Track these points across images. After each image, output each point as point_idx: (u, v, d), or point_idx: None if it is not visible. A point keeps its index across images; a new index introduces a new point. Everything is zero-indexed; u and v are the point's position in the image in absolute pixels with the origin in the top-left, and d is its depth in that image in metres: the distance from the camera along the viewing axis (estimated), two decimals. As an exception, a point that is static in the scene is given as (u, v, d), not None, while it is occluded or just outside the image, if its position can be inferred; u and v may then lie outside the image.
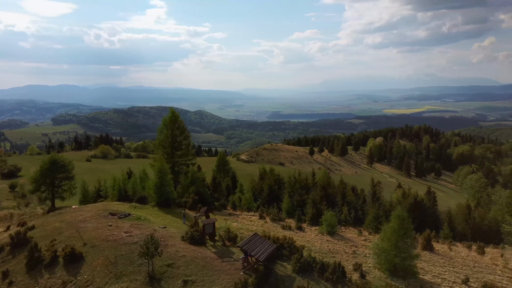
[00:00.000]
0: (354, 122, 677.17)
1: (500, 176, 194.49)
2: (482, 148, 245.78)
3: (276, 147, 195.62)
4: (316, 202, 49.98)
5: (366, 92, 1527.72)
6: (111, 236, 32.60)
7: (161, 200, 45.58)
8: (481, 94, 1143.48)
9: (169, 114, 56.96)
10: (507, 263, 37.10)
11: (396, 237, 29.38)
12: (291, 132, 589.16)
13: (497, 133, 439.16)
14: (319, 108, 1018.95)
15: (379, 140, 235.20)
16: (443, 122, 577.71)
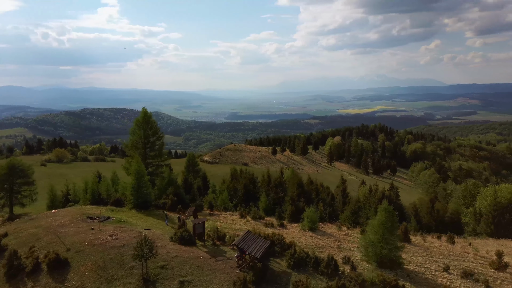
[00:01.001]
0: (311, 122, 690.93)
1: (450, 171, 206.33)
2: (433, 145, 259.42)
3: (239, 147, 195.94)
4: (294, 200, 50.72)
5: (322, 92, 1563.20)
6: (96, 240, 31.40)
7: (138, 202, 44.43)
8: (428, 94, 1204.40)
9: (141, 114, 55.61)
10: (477, 251, 39.60)
11: (383, 229, 30.52)
12: (250, 133, 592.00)
13: (444, 131, 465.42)
14: (277, 108, 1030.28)
15: (337, 139, 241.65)
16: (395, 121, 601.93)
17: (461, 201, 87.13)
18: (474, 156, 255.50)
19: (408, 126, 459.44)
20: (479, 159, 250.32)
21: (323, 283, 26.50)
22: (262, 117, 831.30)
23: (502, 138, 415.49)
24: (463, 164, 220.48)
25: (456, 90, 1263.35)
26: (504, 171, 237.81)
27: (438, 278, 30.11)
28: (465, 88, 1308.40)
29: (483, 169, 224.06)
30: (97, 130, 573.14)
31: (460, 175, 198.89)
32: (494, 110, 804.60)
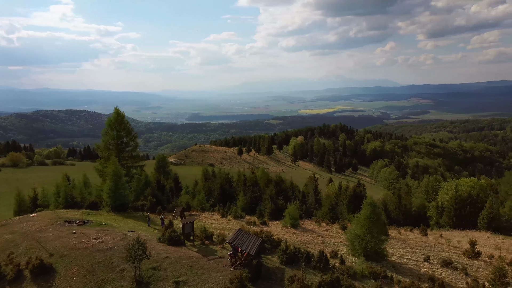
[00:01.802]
0: (272, 122, 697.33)
1: (409, 168, 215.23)
2: (391, 144, 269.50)
3: (205, 148, 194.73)
4: (273, 198, 51.20)
5: (282, 93, 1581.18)
6: (80, 244, 30.25)
7: (116, 204, 43.17)
8: (384, 95, 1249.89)
9: (113, 115, 54.05)
10: (449, 242, 41.75)
11: (369, 223, 31.55)
12: (212, 134, 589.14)
13: (400, 130, 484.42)
14: (239, 109, 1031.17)
15: (300, 139, 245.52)
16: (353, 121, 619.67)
17: (424, 196, 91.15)
18: (429, 153, 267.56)
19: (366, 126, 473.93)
20: (433, 156, 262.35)
21: (316, 277, 27.02)
22: (224, 118, 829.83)
23: (453, 136, 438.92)
24: (419, 161, 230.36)
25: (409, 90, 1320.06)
26: (456, 167, 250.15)
27: (421, 268, 31.54)
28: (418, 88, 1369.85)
29: (438, 165, 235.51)
30: (51, 133, 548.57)
31: (418, 172, 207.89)
32: (445, 110, 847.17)
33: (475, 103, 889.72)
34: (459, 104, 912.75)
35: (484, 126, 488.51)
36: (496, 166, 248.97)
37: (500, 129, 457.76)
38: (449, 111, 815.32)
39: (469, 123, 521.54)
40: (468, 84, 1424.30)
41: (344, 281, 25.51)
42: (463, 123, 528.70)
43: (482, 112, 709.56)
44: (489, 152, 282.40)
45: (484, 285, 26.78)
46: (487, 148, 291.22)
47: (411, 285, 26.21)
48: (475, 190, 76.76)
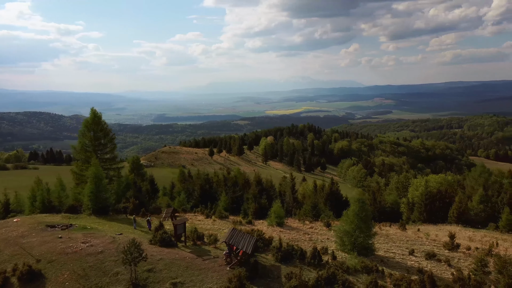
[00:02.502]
0: (240, 123, 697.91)
1: (375, 166, 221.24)
2: (358, 143, 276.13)
3: (175, 149, 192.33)
4: (257, 197, 51.45)
5: (250, 94, 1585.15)
6: (68, 248, 29.28)
7: (97, 207, 41.99)
8: (349, 95, 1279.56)
9: (90, 115, 52.48)
10: (428, 235, 43.49)
11: (358, 219, 32.40)
12: (179, 135, 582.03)
13: (364, 129, 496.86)
14: (206, 110, 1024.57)
15: (270, 139, 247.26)
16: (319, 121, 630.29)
17: (395, 192, 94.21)
18: (394, 152, 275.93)
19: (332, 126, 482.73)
20: (398, 154, 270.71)
21: (311, 273, 27.47)
22: (191, 119, 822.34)
23: (415, 135, 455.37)
24: (385, 159, 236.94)
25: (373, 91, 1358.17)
26: (419, 164, 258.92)
27: (407, 261, 32.74)
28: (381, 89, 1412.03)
29: (402, 163, 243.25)
30: (8, 136, 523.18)
31: (384, 170, 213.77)
32: (407, 109, 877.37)
33: (435, 103, 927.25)
34: (419, 104, 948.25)
35: (444, 125, 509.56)
36: (456, 163, 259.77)
37: (458, 128, 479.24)
38: (411, 110, 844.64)
39: (430, 122, 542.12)
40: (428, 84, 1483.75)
41: (339, 276, 26.14)
42: (424, 122, 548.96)
43: (442, 111, 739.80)
44: (449, 149, 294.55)
45: (469, 275, 28.13)
46: (447, 146, 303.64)
47: (402, 278, 27.19)
48: (444, 186, 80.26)
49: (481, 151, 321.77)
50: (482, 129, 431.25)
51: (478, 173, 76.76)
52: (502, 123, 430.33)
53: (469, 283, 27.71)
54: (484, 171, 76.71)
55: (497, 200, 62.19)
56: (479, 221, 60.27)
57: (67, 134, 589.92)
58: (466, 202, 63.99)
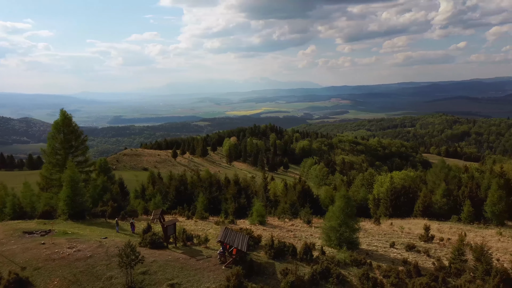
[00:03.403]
0: (200, 124, 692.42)
1: (336, 164, 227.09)
2: (318, 142, 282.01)
3: (137, 152, 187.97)
4: (236, 197, 51.57)
5: (209, 95, 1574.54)
6: (53, 254, 28.12)
7: (74, 212, 40.47)
8: (307, 96, 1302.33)
9: (60, 117, 50.41)
10: (403, 228, 45.55)
11: (344, 214, 33.45)
12: (137, 137, 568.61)
13: (322, 129, 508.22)
14: (164, 111, 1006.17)
15: (233, 139, 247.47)
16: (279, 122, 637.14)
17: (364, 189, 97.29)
18: (353, 150, 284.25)
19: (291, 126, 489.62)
20: (357, 153, 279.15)
21: (305, 268, 28.12)
22: (149, 120, 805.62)
23: (371, 134, 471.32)
24: (345, 158, 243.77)
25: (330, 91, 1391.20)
26: (377, 162, 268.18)
27: (390, 253, 34.22)
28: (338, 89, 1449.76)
29: (362, 161, 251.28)
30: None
31: (345, 168, 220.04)
32: (362, 109, 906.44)
33: (389, 103, 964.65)
34: (374, 104, 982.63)
35: (398, 124, 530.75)
36: (410, 160, 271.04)
37: (411, 126, 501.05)
38: (366, 110, 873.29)
39: (385, 121, 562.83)
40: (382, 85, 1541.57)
41: (333, 270, 26.97)
42: (379, 121, 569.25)
43: (395, 111, 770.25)
44: (404, 147, 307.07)
45: (450, 264, 29.92)
46: (402, 144, 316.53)
47: (390, 269, 28.46)
48: (407, 181, 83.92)
49: (433, 148, 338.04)
50: (433, 127, 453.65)
51: (439, 168, 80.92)
52: (450, 121, 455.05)
53: (450, 271, 29.50)
54: (444, 166, 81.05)
55: (458, 194, 65.88)
56: (443, 214, 63.50)
57: (16, 138, 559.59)
58: (430, 197, 67.35)
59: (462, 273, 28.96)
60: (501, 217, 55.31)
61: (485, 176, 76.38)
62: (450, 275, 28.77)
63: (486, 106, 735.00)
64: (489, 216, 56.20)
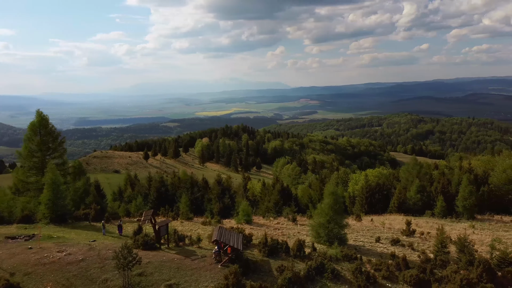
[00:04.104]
0: (169, 125, 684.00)
1: (308, 164, 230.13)
2: (290, 142, 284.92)
3: (107, 154, 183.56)
4: (220, 197, 51.54)
5: (179, 95, 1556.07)
6: (43, 259, 27.29)
7: (56, 215, 39.29)
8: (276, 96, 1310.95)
9: (36, 118, 48.70)
10: (384, 224, 46.97)
11: (333, 211, 34.21)
12: (104, 139, 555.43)
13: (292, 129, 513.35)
14: (132, 112, 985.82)
15: (205, 140, 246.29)
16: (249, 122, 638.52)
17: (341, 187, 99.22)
18: (323, 150, 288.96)
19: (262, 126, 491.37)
20: (327, 152, 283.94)
21: (299, 265, 28.63)
22: (116, 122, 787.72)
23: (340, 133, 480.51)
24: (316, 157, 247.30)
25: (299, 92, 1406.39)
26: (347, 161, 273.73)
27: (377, 248, 35.30)
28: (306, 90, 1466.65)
29: (332, 161, 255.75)
30: None
31: (316, 167, 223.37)
32: (330, 109, 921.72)
33: (356, 103, 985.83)
34: (342, 104, 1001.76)
35: (365, 123, 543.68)
36: (378, 159, 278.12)
37: (378, 126, 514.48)
38: (334, 110, 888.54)
39: (353, 121, 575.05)
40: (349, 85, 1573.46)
41: (328, 265, 27.61)
42: (347, 121, 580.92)
43: (362, 111, 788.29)
44: (373, 146, 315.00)
45: (436, 256, 31.25)
46: (371, 143, 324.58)
47: (381, 263, 29.42)
48: (381, 179, 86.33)
49: (400, 147, 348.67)
50: (399, 126, 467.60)
51: (411, 166, 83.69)
52: (415, 120, 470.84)
53: (436, 263, 30.82)
54: (416, 164, 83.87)
55: (431, 190, 68.45)
56: (417, 210, 65.79)
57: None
58: (404, 193, 69.64)
59: (447, 265, 30.31)
60: (471, 211, 57.79)
61: (454, 172, 79.76)
62: (436, 266, 30.04)
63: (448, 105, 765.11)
64: (461, 211, 58.59)
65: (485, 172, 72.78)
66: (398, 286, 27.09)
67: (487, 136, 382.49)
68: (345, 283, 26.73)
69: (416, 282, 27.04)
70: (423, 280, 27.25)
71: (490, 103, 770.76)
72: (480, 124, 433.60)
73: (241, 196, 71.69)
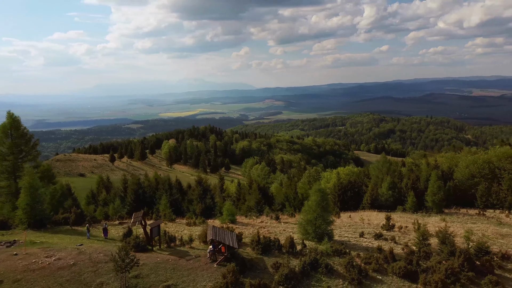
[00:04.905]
0: (132, 127, 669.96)
1: (276, 164, 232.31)
2: (257, 142, 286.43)
3: (71, 157, 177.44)
4: (202, 197, 51.27)
5: (142, 96, 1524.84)
6: (31, 264, 26.27)
7: (34, 220, 37.77)
8: (242, 97, 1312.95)
9: (7, 119, 46.55)
10: (363, 220, 48.43)
11: (320, 208, 34.96)
12: (63, 142, 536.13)
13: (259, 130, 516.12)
14: (94, 114, 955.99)
15: (173, 141, 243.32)
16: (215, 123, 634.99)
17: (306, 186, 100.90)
18: (290, 149, 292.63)
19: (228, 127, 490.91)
20: (294, 152, 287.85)
21: (292, 261, 29.15)
22: (76, 124, 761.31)
23: (305, 133, 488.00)
24: (284, 157, 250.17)
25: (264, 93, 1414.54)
26: (313, 160, 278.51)
27: (362, 243, 36.40)
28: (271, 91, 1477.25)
29: (299, 160, 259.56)
30: None
31: (284, 167, 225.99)
32: (295, 110, 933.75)
33: (320, 103, 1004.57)
34: (306, 104, 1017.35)
35: (329, 123, 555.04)
36: (343, 158, 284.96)
37: (341, 125, 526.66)
38: (299, 111, 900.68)
39: (317, 121, 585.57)
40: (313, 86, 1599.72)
41: (321, 260, 28.31)
42: (312, 121, 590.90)
43: (326, 111, 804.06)
44: (337, 145, 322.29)
45: (419, 248, 32.69)
46: (335, 142, 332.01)
47: (370, 256, 30.47)
48: (353, 177, 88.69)
49: (363, 146, 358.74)
50: (362, 126, 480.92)
51: (381, 163, 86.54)
52: (377, 120, 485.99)
53: (420, 254, 32.28)
54: (386, 161, 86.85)
55: (402, 186, 71.15)
56: (389, 205, 68.18)
57: None
58: (376, 190, 71.97)
59: (430, 256, 31.84)
60: (440, 205, 60.57)
61: (421, 169, 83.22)
62: (421, 258, 31.46)
63: (407, 105, 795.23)
64: (430, 205, 61.26)
65: (450, 168, 76.53)
66: (388, 277, 28.18)
67: (444, 134, 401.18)
68: (338, 277, 27.52)
69: (405, 273, 28.26)
70: (410, 271, 28.52)
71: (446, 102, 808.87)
72: (438, 122, 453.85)
73: (218, 196, 71.64)
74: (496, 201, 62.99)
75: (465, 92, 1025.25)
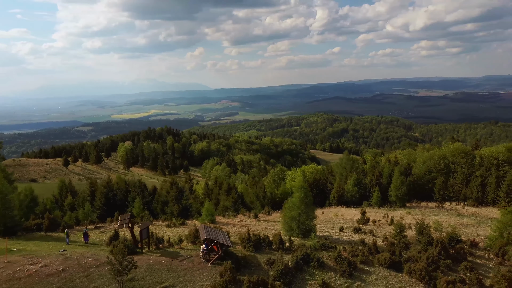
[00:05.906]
0: (83, 129, 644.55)
1: (236, 164, 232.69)
2: (216, 143, 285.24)
3: (21, 162, 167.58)
4: (177, 199, 50.53)
5: (91, 97, 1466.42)
6: (16, 273, 24.84)
7: (4, 228, 35.61)
8: (197, 98, 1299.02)
9: (-34, 122, 43.48)
10: (337, 215, 49.98)
11: (304, 204, 35.75)
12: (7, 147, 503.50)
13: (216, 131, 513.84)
14: (40, 116, 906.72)
15: (128, 144, 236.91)
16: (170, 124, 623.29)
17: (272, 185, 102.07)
18: (249, 150, 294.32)
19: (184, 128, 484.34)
20: (253, 152, 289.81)
21: (284, 257, 29.64)
22: (20, 127, 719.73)
23: (262, 133, 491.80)
24: (243, 157, 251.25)
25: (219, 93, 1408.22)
26: (271, 160, 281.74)
27: (344, 237, 37.64)
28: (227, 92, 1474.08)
29: (258, 160, 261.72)
30: None
31: (245, 167, 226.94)
32: (251, 111, 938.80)
33: (275, 104, 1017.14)
34: (261, 105, 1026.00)
35: (285, 123, 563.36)
36: (300, 157, 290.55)
37: (297, 125, 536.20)
38: (254, 112, 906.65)
39: (273, 122, 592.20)
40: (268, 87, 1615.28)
41: (312, 255, 29.06)
42: (268, 121, 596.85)
43: (281, 111, 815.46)
44: (294, 145, 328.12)
45: (399, 240, 34.38)
46: (292, 142, 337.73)
47: (356, 249, 31.66)
48: (317, 175, 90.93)
49: (319, 145, 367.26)
50: (317, 125, 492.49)
51: (344, 161, 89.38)
52: (331, 120, 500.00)
53: (400, 245, 33.96)
54: (349, 159, 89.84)
55: (366, 182, 73.99)
56: (355, 201, 70.70)
57: None
58: (342, 186, 74.34)
59: (410, 246, 33.63)
60: (403, 199, 63.73)
61: (381, 165, 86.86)
62: (401, 249, 33.12)
63: (359, 105, 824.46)
64: (394, 200, 64.27)
65: (409, 164, 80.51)
66: (374, 268, 29.46)
67: (394, 133, 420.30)
68: (330, 270, 28.41)
69: (390, 264, 29.70)
70: (395, 261, 30.01)
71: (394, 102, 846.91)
72: (388, 122, 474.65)
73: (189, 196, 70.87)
74: (452, 194, 67.00)
75: (411, 92, 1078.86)
